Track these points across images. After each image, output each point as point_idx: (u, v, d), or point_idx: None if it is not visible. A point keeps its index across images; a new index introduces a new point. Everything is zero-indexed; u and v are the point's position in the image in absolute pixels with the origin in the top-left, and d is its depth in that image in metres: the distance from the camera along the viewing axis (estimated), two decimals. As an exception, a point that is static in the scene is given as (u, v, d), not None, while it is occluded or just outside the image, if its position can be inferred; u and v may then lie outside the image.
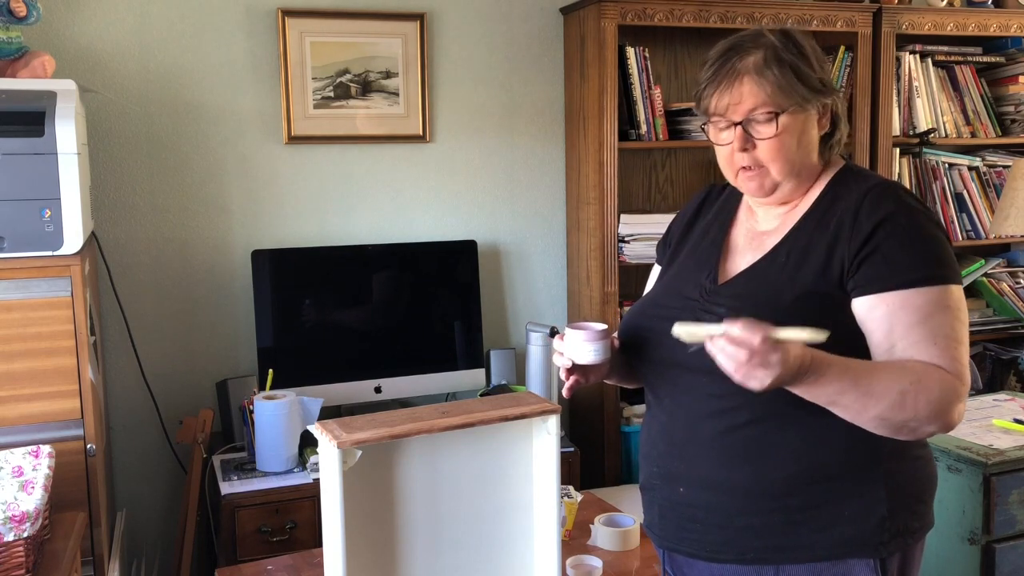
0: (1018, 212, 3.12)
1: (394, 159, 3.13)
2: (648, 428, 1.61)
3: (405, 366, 3.01)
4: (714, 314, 1.46)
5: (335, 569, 1.45)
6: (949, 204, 3.55)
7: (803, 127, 1.47)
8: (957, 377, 1.36)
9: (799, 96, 1.45)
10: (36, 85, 2.25)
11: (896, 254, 1.39)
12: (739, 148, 1.47)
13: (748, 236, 1.57)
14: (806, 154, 1.49)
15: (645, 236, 3.14)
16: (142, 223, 2.89)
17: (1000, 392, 3.02)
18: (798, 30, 1.52)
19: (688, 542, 1.53)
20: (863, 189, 1.45)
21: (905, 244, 1.39)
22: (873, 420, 1.34)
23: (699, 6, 3.07)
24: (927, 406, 1.33)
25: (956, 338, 1.38)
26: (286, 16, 2.94)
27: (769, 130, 1.45)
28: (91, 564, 2.21)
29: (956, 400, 1.35)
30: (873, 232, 1.40)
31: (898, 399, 1.32)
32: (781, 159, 1.47)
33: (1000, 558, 2.29)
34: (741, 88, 1.45)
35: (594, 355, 1.50)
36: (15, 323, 2.14)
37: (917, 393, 1.33)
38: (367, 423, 1.49)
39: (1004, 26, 3.50)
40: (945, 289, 1.39)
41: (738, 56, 1.46)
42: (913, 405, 1.33)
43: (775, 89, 1.44)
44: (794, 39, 1.48)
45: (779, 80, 1.44)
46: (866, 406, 1.33)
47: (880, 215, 1.40)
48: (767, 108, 1.44)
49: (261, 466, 2.64)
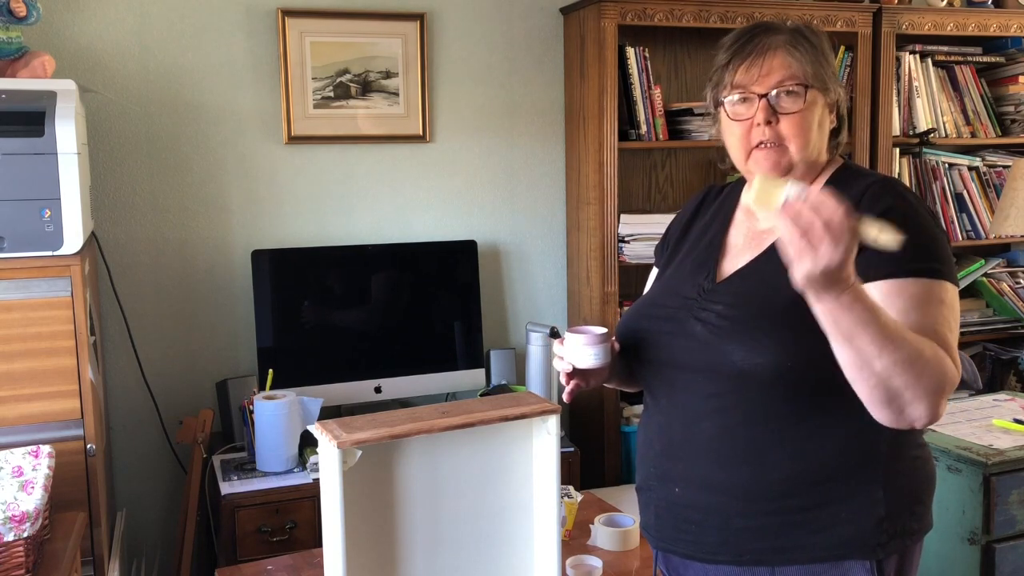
0: (1018, 212, 3.12)
1: (394, 159, 3.13)
2: (645, 429, 1.61)
3: (405, 366, 3.01)
4: (712, 312, 1.46)
5: (335, 569, 1.45)
6: (949, 204, 3.55)
7: (823, 111, 1.48)
8: (954, 362, 1.33)
9: (825, 76, 1.47)
10: (36, 85, 2.25)
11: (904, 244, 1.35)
12: (763, 120, 1.45)
13: (748, 236, 1.56)
14: (822, 138, 1.49)
15: (645, 236, 3.14)
16: (142, 223, 2.89)
17: (1000, 392, 3.02)
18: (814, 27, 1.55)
19: (684, 543, 1.52)
20: (863, 185, 1.45)
21: (916, 234, 1.35)
22: (876, 374, 1.25)
23: (699, 6, 3.07)
24: (930, 379, 1.26)
25: (950, 333, 1.35)
26: (286, 16, 2.94)
27: (796, 104, 1.45)
28: (91, 564, 2.20)
29: (949, 389, 1.31)
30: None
31: (913, 355, 1.25)
32: (803, 135, 1.46)
33: (1000, 558, 2.29)
34: (773, 60, 1.46)
35: (594, 359, 1.49)
36: (15, 323, 2.14)
37: (928, 361, 1.26)
38: (367, 423, 1.49)
39: (1004, 26, 3.50)
40: (941, 284, 1.37)
41: (765, 33, 1.49)
42: (921, 370, 1.25)
43: (807, 63, 1.46)
44: (813, 30, 1.51)
45: (811, 55, 1.46)
46: (882, 350, 1.23)
47: (879, 209, 1.37)
48: (796, 81, 1.45)
49: (261, 466, 2.64)
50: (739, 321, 1.43)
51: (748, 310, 1.43)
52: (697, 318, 1.48)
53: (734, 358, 1.41)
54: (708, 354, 1.44)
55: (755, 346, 1.39)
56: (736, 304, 1.45)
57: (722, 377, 1.42)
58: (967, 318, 3.59)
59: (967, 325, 3.57)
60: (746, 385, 1.41)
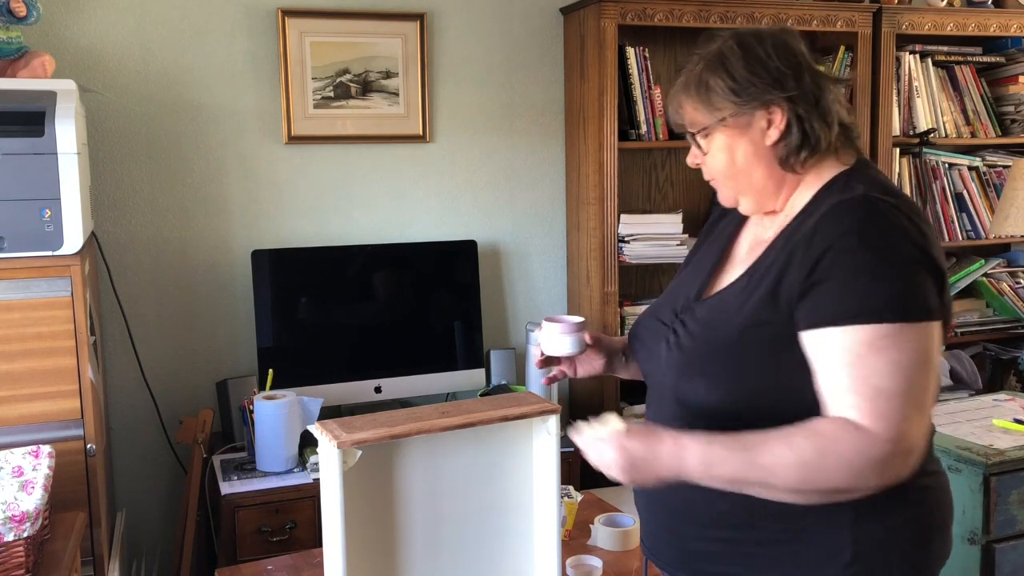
0: (1018, 212, 3.12)
1: (394, 159, 3.13)
2: None
3: (405, 366, 3.01)
4: (679, 335, 1.42)
5: (335, 569, 1.45)
6: (949, 204, 3.55)
7: (734, 143, 1.38)
8: (880, 435, 1.19)
9: (722, 113, 1.37)
10: (36, 85, 2.25)
11: (834, 285, 1.24)
12: (690, 162, 1.46)
13: (751, 244, 1.47)
14: (749, 169, 1.38)
15: (645, 236, 3.14)
16: (142, 223, 2.89)
17: (1000, 392, 3.02)
18: (760, 30, 1.41)
19: (660, 554, 1.50)
20: (833, 202, 1.30)
21: (848, 274, 1.23)
22: (791, 495, 1.24)
23: (699, 6, 3.07)
24: (839, 472, 1.20)
25: (887, 388, 1.20)
26: (286, 16, 2.94)
27: (707, 146, 1.41)
28: (91, 564, 2.20)
29: (877, 463, 1.19)
30: (820, 258, 1.26)
31: (800, 472, 1.20)
32: (720, 175, 1.42)
33: (1000, 558, 2.29)
34: (679, 103, 1.43)
35: (567, 347, 1.52)
36: (15, 323, 2.14)
37: (821, 461, 1.19)
38: (367, 423, 1.49)
39: (1004, 26, 3.50)
40: (881, 329, 1.21)
41: (687, 68, 1.43)
42: (821, 477, 1.20)
43: (695, 109, 1.40)
44: (740, 43, 1.38)
45: (696, 100, 1.39)
46: (769, 483, 1.22)
47: (831, 238, 1.25)
48: (695, 127, 1.41)
49: (261, 466, 2.64)
50: (694, 354, 1.38)
51: (704, 342, 1.37)
52: (667, 340, 1.44)
53: (687, 390, 1.38)
54: (671, 378, 1.42)
55: (706, 383, 1.35)
56: (696, 333, 1.39)
57: (680, 404, 1.40)
58: (967, 318, 3.60)
59: (967, 325, 3.57)
60: (702, 415, 1.36)
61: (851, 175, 1.37)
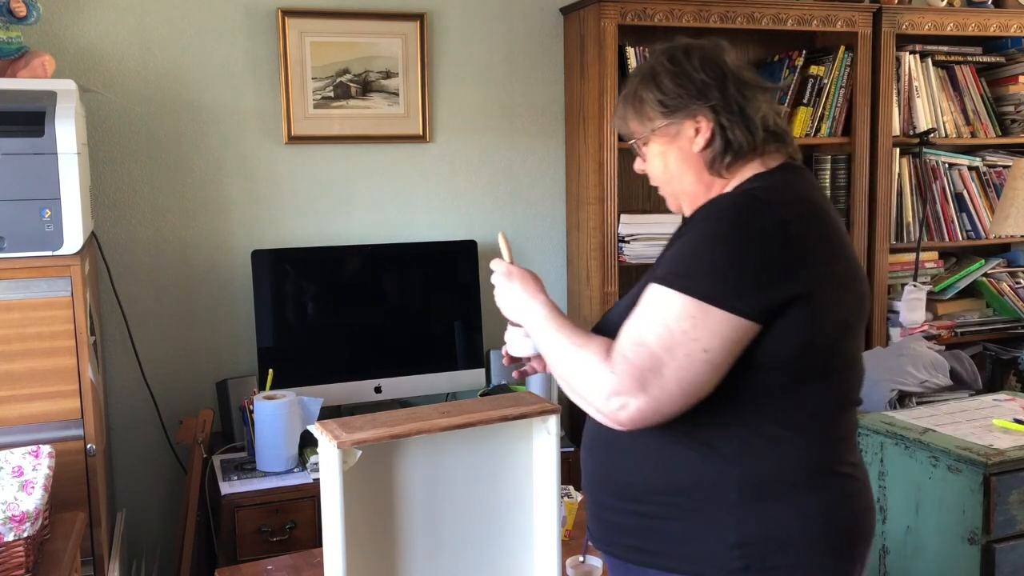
0: (1018, 212, 3.12)
1: (394, 159, 3.13)
2: None
3: (405, 366, 3.01)
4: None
5: (335, 569, 1.45)
6: (949, 204, 3.55)
7: (667, 150, 1.50)
8: (609, 368, 1.34)
9: (654, 123, 1.49)
10: (36, 85, 2.25)
11: (668, 254, 1.44)
12: (636, 168, 1.58)
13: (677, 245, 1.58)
14: (681, 175, 1.50)
15: (645, 236, 3.14)
16: (142, 223, 2.89)
17: (1000, 392, 3.01)
18: (691, 45, 1.50)
19: (592, 530, 1.58)
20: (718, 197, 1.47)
21: (684, 249, 1.39)
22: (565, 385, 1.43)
23: (699, 6, 3.07)
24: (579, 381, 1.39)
25: (645, 340, 1.33)
26: (286, 16, 2.94)
27: (644, 154, 1.55)
28: (91, 564, 2.21)
29: (597, 393, 1.35)
30: (677, 238, 1.45)
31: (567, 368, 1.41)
32: (659, 181, 1.55)
33: (1000, 558, 2.29)
34: (623, 119, 1.56)
35: (531, 349, 1.57)
36: (15, 323, 2.14)
37: (578, 367, 1.39)
38: (367, 423, 1.49)
39: (1004, 26, 3.50)
40: (671, 295, 1.33)
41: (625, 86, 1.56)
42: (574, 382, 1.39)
43: (632, 120, 1.53)
44: (671, 58, 1.49)
45: (633, 113, 1.52)
46: (553, 365, 1.45)
47: (692, 222, 1.44)
48: (632, 138, 1.55)
49: (261, 466, 2.64)
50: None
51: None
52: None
53: None
54: None
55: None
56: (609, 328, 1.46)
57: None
58: (967, 318, 3.59)
59: (967, 325, 3.57)
60: None
61: (762, 177, 1.46)
